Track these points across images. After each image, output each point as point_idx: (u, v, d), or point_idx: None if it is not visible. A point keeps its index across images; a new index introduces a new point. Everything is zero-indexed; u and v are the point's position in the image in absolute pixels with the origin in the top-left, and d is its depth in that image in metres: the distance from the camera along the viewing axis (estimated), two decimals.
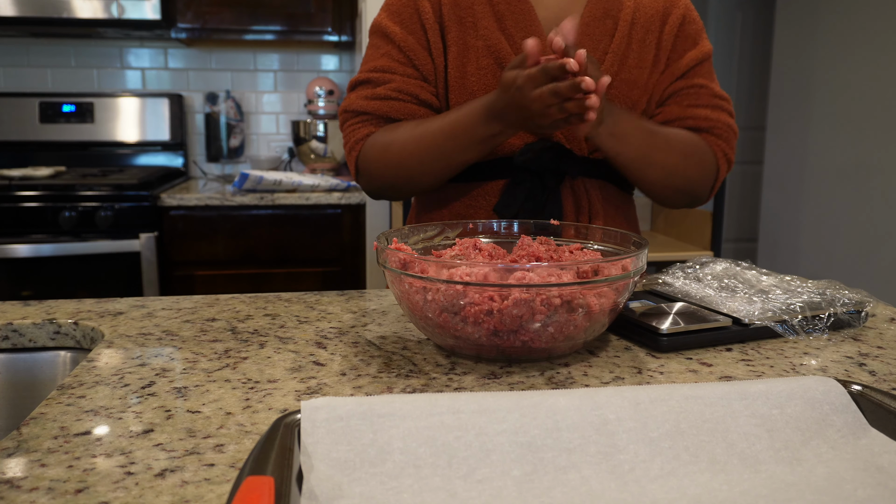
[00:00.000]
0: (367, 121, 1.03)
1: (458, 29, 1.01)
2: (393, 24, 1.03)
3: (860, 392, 0.54)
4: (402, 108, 1.01)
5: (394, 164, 1.00)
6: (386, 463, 0.46)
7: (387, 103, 1.01)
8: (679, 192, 1.04)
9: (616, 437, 0.48)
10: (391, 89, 1.01)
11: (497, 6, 1.01)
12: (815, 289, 0.85)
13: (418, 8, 1.02)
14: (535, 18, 1.01)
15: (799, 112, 3.31)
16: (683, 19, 1.05)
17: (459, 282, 0.63)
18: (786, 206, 3.43)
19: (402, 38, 1.02)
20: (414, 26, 1.02)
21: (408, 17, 1.03)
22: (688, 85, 1.04)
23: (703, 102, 1.04)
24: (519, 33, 1.00)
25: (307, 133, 2.69)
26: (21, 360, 0.82)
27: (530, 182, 1.02)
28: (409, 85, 1.01)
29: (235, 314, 0.86)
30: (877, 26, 2.84)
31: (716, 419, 0.50)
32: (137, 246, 2.20)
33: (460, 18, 1.01)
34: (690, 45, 1.05)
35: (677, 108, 1.04)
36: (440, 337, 0.69)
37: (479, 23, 1.01)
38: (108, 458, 0.50)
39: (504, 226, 0.86)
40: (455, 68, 1.01)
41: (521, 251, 0.75)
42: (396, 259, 0.67)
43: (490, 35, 1.00)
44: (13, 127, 2.64)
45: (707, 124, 1.03)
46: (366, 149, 1.02)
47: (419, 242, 0.81)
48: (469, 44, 1.01)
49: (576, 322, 0.65)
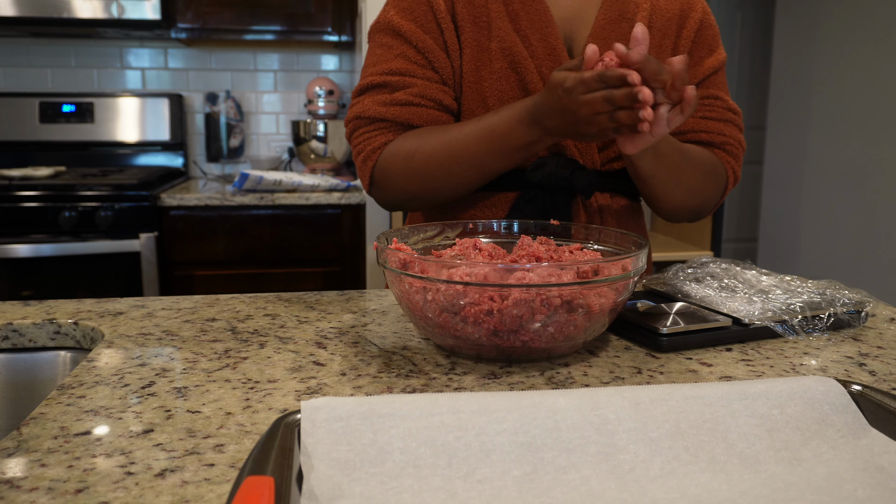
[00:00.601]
0: (385, 128, 0.95)
1: (472, 29, 0.96)
2: (406, 21, 0.96)
3: (860, 392, 0.54)
4: (425, 114, 0.94)
5: (419, 175, 0.93)
6: (386, 463, 0.46)
7: (408, 109, 0.94)
8: (691, 211, 1.01)
9: (616, 437, 0.48)
10: (413, 94, 0.94)
11: (511, 5, 0.96)
12: (815, 289, 0.85)
13: (431, 4, 0.96)
14: (550, 18, 0.96)
15: (799, 112, 3.31)
16: (701, 24, 1.01)
17: (459, 282, 0.63)
18: (786, 206, 3.43)
19: (419, 38, 0.95)
20: (430, 25, 0.96)
21: (422, 15, 0.96)
22: (704, 95, 1.01)
23: (717, 116, 1.01)
24: (534, 34, 0.95)
25: (307, 133, 2.69)
26: (21, 360, 0.82)
27: (542, 199, 0.97)
28: (431, 89, 0.94)
29: (235, 314, 0.86)
30: (877, 26, 2.84)
31: (716, 419, 0.50)
32: (137, 246, 2.20)
33: (475, 18, 0.96)
34: (707, 52, 1.02)
35: (692, 120, 1.01)
36: (440, 337, 0.69)
37: (494, 23, 0.95)
38: (108, 458, 0.50)
39: (504, 226, 0.86)
40: (470, 71, 0.96)
41: (521, 251, 0.75)
42: (396, 259, 0.67)
43: (505, 36, 0.95)
44: (13, 127, 2.64)
45: (720, 139, 1.00)
46: (384, 158, 0.94)
47: (419, 242, 0.81)
48: (483, 45, 0.96)
49: (576, 322, 0.65)
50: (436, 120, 0.96)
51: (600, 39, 0.97)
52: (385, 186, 0.97)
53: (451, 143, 0.91)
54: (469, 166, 0.91)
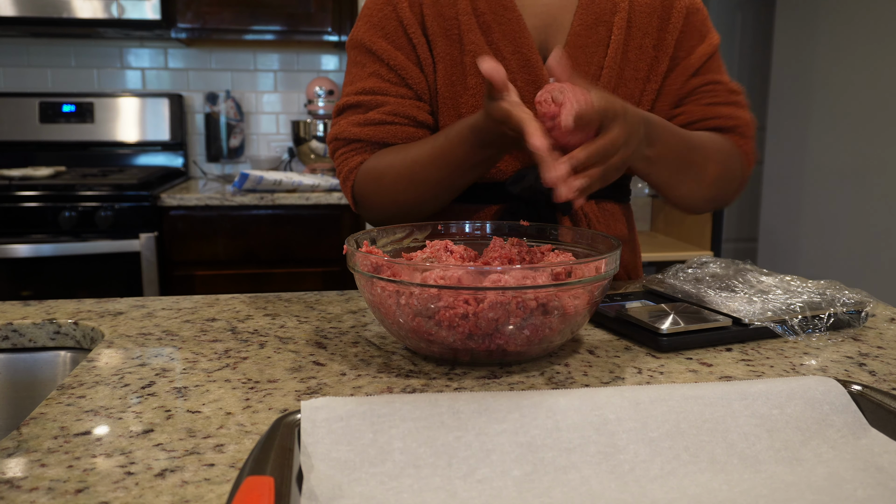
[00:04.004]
0: (359, 148, 0.95)
1: (444, 43, 0.94)
2: (377, 37, 0.94)
3: (860, 392, 0.54)
4: (400, 132, 0.94)
5: (391, 194, 0.93)
6: (386, 463, 0.46)
7: (382, 129, 0.93)
8: (710, 201, 0.98)
9: (616, 437, 0.48)
10: (385, 113, 0.93)
11: (482, 17, 0.93)
12: (815, 289, 0.85)
13: (401, 19, 0.94)
14: (523, 28, 0.93)
15: (799, 112, 3.31)
16: (688, 10, 0.98)
17: (434, 285, 0.62)
18: (786, 206, 3.43)
19: (390, 55, 0.94)
20: (401, 40, 0.94)
21: (392, 30, 0.94)
22: (704, 82, 0.99)
23: (722, 100, 0.98)
24: (507, 46, 0.93)
25: (307, 133, 2.69)
26: (21, 360, 0.82)
27: (525, 211, 0.95)
28: (404, 106, 0.94)
29: (235, 314, 0.86)
30: (877, 26, 2.84)
31: (716, 419, 0.50)
32: (137, 246, 2.20)
33: (445, 31, 0.93)
34: (699, 38, 0.99)
35: (698, 109, 0.98)
36: (413, 341, 0.68)
37: (465, 36, 0.93)
38: (108, 458, 0.50)
39: (476, 227, 0.84)
40: (445, 87, 0.94)
41: (493, 253, 0.74)
42: (368, 263, 0.66)
43: (477, 50, 0.92)
44: (13, 127, 2.64)
45: (732, 122, 0.98)
46: (360, 178, 0.95)
47: (388, 245, 0.79)
48: (456, 60, 0.94)
49: (551, 324, 0.65)
50: (411, 136, 0.95)
51: (577, 46, 0.94)
52: (366, 205, 0.97)
53: (412, 164, 0.90)
54: (433, 185, 0.90)
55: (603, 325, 0.80)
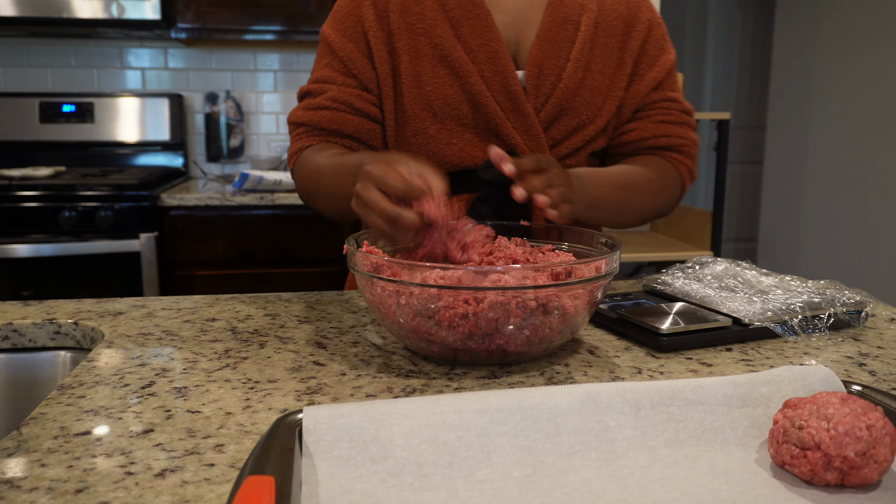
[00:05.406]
0: (303, 133, 1.01)
1: (408, 36, 0.98)
2: (335, 32, 1.01)
3: (860, 392, 0.54)
4: (334, 117, 0.99)
5: (312, 189, 0.98)
6: (387, 460, 0.46)
7: (320, 113, 0.99)
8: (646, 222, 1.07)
9: (616, 444, 0.49)
10: (326, 98, 1.00)
11: (451, 12, 0.97)
12: (815, 289, 0.85)
13: (361, 16, 1.00)
14: (490, 23, 0.97)
15: (799, 112, 3.31)
16: (650, 24, 1.03)
17: (434, 285, 0.62)
18: (786, 206, 3.43)
19: (342, 47, 1.00)
20: (356, 35, 1.00)
21: (350, 26, 1.01)
22: (662, 98, 1.04)
23: (674, 119, 1.05)
24: (475, 39, 0.97)
25: None
26: (21, 360, 0.82)
27: (497, 199, 0.97)
28: (344, 94, 0.99)
29: (235, 314, 0.86)
30: (877, 26, 2.85)
31: (715, 429, 0.51)
32: (137, 246, 2.20)
33: (410, 25, 0.98)
34: (658, 52, 1.04)
35: (651, 126, 1.04)
36: (413, 341, 0.68)
37: (432, 30, 0.97)
38: (108, 458, 0.50)
39: None
40: (409, 77, 0.99)
41: (499, 252, 0.74)
42: (368, 262, 0.66)
43: (443, 43, 0.97)
44: (13, 127, 2.64)
45: (678, 142, 1.04)
46: (297, 164, 1.01)
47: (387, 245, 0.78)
48: (422, 51, 0.98)
49: (551, 324, 0.65)
50: (346, 122, 1.00)
51: (547, 42, 0.98)
52: (299, 191, 1.03)
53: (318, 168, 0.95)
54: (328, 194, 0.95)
55: (603, 325, 0.80)
